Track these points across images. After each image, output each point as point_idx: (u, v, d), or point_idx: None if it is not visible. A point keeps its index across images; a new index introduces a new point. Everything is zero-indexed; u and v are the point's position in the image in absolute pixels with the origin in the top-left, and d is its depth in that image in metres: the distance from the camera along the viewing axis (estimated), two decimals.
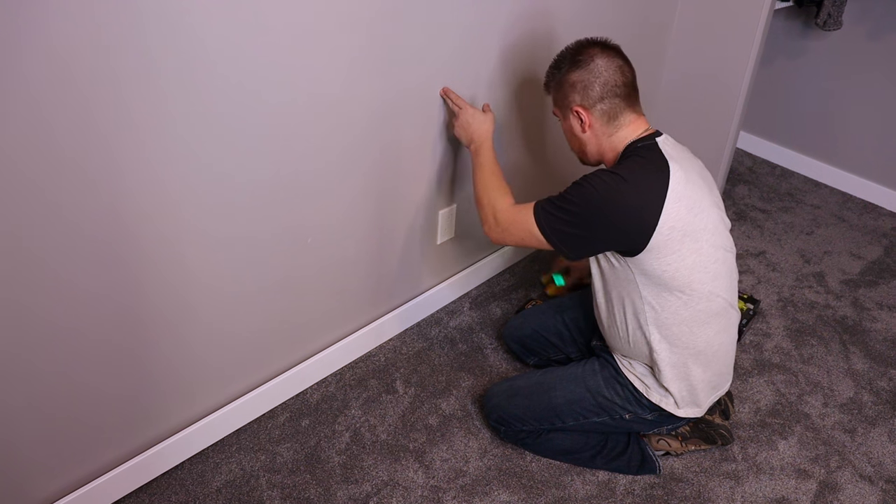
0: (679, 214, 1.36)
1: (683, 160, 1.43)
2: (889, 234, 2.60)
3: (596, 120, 1.45)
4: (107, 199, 1.24)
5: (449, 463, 1.71)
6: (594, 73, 1.42)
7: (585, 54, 1.44)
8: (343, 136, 1.57)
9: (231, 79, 1.30)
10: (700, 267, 1.42)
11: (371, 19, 1.46)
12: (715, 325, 1.49)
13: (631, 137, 1.45)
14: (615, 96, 1.43)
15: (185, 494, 1.61)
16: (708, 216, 1.42)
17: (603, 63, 1.42)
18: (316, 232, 1.64)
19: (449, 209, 1.96)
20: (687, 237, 1.38)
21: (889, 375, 2.00)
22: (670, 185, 1.36)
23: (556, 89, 1.50)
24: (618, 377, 1.58)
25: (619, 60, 1.44)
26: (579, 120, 1.46)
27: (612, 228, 1.39)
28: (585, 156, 1.54)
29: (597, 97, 1.43)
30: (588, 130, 1.47)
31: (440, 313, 2.14)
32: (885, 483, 1.71)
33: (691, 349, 1.49)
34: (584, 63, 1.43)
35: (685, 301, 1.44)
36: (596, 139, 1.48)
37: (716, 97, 2.38)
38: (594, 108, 1.44)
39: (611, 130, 1.46)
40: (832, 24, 2.47)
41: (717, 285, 1.45)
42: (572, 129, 1.50)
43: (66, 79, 1.10)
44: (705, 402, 1.57)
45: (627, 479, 1.69)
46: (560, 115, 1.53)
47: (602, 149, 1.49)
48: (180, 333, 1.51)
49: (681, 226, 1.37)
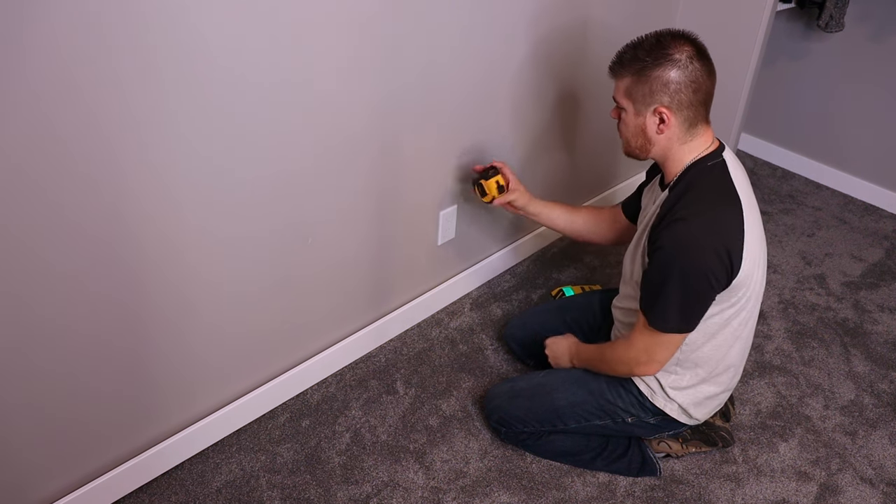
0: (752, 245, 1.33)
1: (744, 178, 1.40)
2: (890, 237, 2.59)
3: (678, 125, 1.36)
4: (107, 197, 1.24)
5: (449, 464, 1.70)
6: (690, 76, 1.32)
7: (682, 51, 1.32)
8: (343, 134, 1.57)
9: (232, 75, 1.30)
10: (755, 293, 1.41)
11: (372, 15, 1.46)
12: (738, 347, 1.49)
13: (699, 151, 1.39)
14: (700, 104, 1.35)
15: (185, 494, 1.60)
16: (761, 240, 1.40)
17: (699, 67, 1.32)
18: (316, 232, 1.64)
19: (450, 210, 1.96)
20: (755, 267, 1.35)
21: (890, 378, 2.00)
22: (745, 217, 1.32)
23: (638, 80, 1.35)
24: (622, 380, 1.58)
25: (710, 65, 1.36)
26: (659, 121, 1.36)
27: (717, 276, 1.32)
28: (645, 153, 1.44)
29: (686, 102, 1.34)
30: (664, 132, 1.38)
31: (441, 314, 2.14)
32: (885, 486, 1.70)
33: (713, 367, 1.49)
34: (682, 63, 1.31)
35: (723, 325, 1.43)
36: (668, 142, 1.39)
37: (717, 98, 2.34)
38: (680, 113, 1.35)
39: (687, 138, 1.38)
40: (834, 25, 2.47)
41: (754, 310, 1.45)
42: (644, 126, 1.38)
43: (68, 79, 1.10)
44: (709, 413, 1.58)
45: (628, 481, 1.68)
46: (629, 107, 1.39)
47: (669, 154, 1.41)
48: (181, 333, 1.50)
49: (752, 257, 1.33)
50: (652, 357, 1.44)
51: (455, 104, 1.77)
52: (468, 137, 1.87)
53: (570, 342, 1.71)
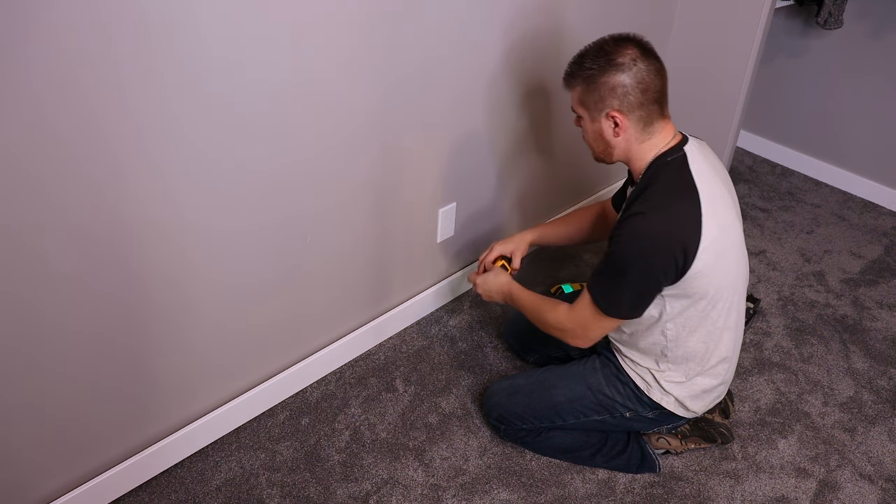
0: (714, 235, 1.34)
1: (708, 170, 1.40)
2: (889, 233, 2.60)
3: (632, 126, 1.38)
4: (107, 195, 1.24)
5: (449, 461, 1.71)
6: (636, 77, 1.34)
7: (625, 55, 1.34)
8: (342, 133, 1.56)
9: (232, 72, 1.30)
10: (727, 284, 1.41)
11: (370, 13, 1.46)
12: (727, 339, 1.49)
13: (660, 146, 1.41)
14: (652, 102, 1.37)
15: (185, 493, 1.60)
16: (733, 230, 1.41)
17: (644, 67, 1.34)
18: (315, 229, 1.64)
19: (449, 207, 1.96)
20: (720, 257, 1.36)
21: (889, 374, 2.00)
22: (703, 210, 1.33)
23: (588, 89, 1.39)
24: (619, 375, 1.58)
25: (657, 63, 1.37)
26: (614, 125, 1.39)
27: (666, 272, 1.35)
28: (609, 157, 1.48)
29: (636, 103, 1.36)
30: (621, 135, 1.40)
31: (440, 311, 2.14)
32: (884, 482, 1.71)
33: (703, 360, 1.49)
34: (626, 66, 1.34)
35: (705, 316, 1.43)
36: (627, 144, 1.42)
37: (716, 96, 2.38)
38: (632, 114, 1.37)
39: (644, 137, 1.40)
40: (833, 22, 2.47)
41: (736, 300, 1.45)
42: (601, 132, 1.42)
43: (68, 77, 1.10)
44: (706, 405, 1.58)
45: (627, 478, 1.69)
46: (586, 115, 1.43)
47: (631, 154, 1.44)
48: (180, 331, 1.50)
49: (714, 247, 1.34)
50: (586, 334, 1.49)
51: (454, 101, 1.77)
52: (468, 135, 1.87)
53: (504, 279, 1.70)
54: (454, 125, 1.82)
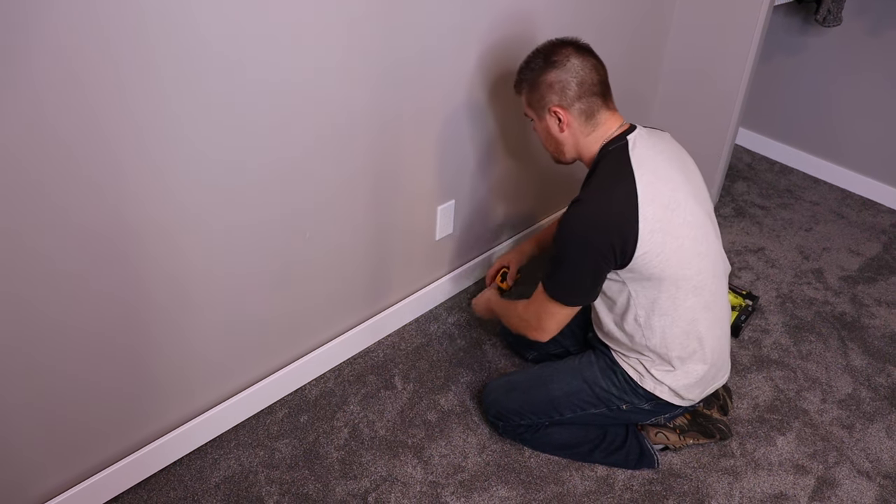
0: (657, 215, 1.38)
1: (654, 155, 1.43)
2: (888, 231, 2.60)
3: (574, 119, 1.45)
4: (106, 194, 1.24)
5: (447, 458, 1.71)
6: (571, 72, 1.42)
7: (560, 54, 1.44)
8: (341, 130, 1.56)
9: (230, 66, 1.30)
10: (685, 263, 1.42)
11: (367, 8, 1.46)
12: (705, 320, 1.49)
13: (605, 136, 1.46)
14: (592, 94, 1.44)
15: (184, 490, 1.61)
16: (686, 210, 1.43)
17: (578, 62, 1.42)
18: (314, 227, 1.64)
19: (447, 205, 1.96)
20: (668, 236, 1.39)
21: (887, 372, 2.00)
22: (639, 191, 1.37)
23: (531, 90, 1.49)
24: (613, 367, 1.59)
25: (592, 59, 1.45)
26: (557, 120, 1.46)
27: (605, 249, 1.39)
28: (562, 155, 1.55)
29: (574, 96, 1.43)
30: (566, 130, 1.47)
31: (439, 309, 2.14)
32: (882, 479, 1.71)
33: (684, 344, 1.49)
34: (560, 63, 1.43)
35: (674, 299, 1.45)
36: (574, 138, 1.48)
37: (715, 93, 2.38)
38: (572, 108, 1.44)
39: (588, 129, 1.47)
40: (832, 20, 2.47)
41: (702, 280, 1.46)
42: (549, 129, 1.50)
43: (68, 74, 1.09)
44: (701, 392, 1.57)
45: (626, 475, 1.69)
46: (534, 115, 1.52)
47: (579, 148, 1.50)
48: (179, 328, 1.50)
49: (660, 226, 1.38)
50: (541, 324, 1.54)
51: (453, 99, 1.77)
52: (466, 132, 1.87)
53: (486, 295, 1.83)
54: (453, 123, 1.82)
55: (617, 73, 2.26)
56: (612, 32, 2.13)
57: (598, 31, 2.07)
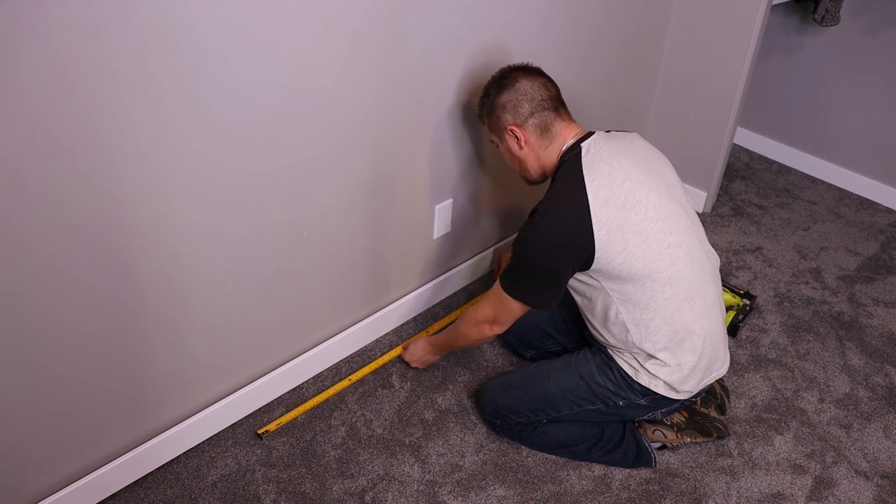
0: (611, 215, 1.41)
1: (610, 157, 1.46)
2: (885, 230, 2.60)
3: (531, 135, 1.52)
4: (104, 194, 1.24)
5: (445, 457, 1.71)
6: (520, 91, 1.50)
7: (510, 78, 1.53)
8: (339, 130, 1.56)
9: (228, 68, 1.29)
10: (654, 256, 1.44)
11: (367, 8, 1.46)
12: (689, 311, 1.49)
13: (563, 147, 1.52)
14: (544, 109, 1.51)
15: (181, 488, 1.60)
16: (647, 206, 1.44)
17: (527, 82, 1.51)
18: (312, 225, 1.64)
19: (445, 204, 1.96)
20: (629, 233, 1.42)
21: (885, 371, 2.00)
22: (589, 197, 1.41)
23: (489, 115, 1.57)
24: (608, 363, 1.59)
25: (541, 78, 1.53)
26: (515, 138, 1.54)
27: (562, 258, 1.45)
28: (528, 174, 1.61)
29: (527, 113, 1.51)
30: (525, 147, 1.54)
31: (436, 308, 2.14)
32: (880, 479, 1.71)
33: (671, 337, 1.50)
34: (510, 85, 1.51)
35: (650, 292, 1.46)
36: (534, 154, 1.55)
37: (713, 93, 2.38)
38: (526, 124, 1.52)
39: (545, 142, 1.53)
40: (830, 19, 2.47)
41: (677, 270, 1.46)
42: (510, 149, 1.57)
43: (64, 76, 1.09)
44: (697, 384, 1.57)
45: (623, 474, 1.69)
46: (497, 139, 1.60)
47: (542, 163, 1.56)
48: (176, 327, 1.50)
49: (617, 225, 1.41)
50: (497, 318, 1.59)
51: (450, 98, 1.77)
52: (465, 131, 1.87)
53: (420, 343, 1.86)
54: (450, 124, 1.81)
55: (616, 73, 2.27)
56: (610, 31, 2.13)
57: (594, 34, 2.07)
